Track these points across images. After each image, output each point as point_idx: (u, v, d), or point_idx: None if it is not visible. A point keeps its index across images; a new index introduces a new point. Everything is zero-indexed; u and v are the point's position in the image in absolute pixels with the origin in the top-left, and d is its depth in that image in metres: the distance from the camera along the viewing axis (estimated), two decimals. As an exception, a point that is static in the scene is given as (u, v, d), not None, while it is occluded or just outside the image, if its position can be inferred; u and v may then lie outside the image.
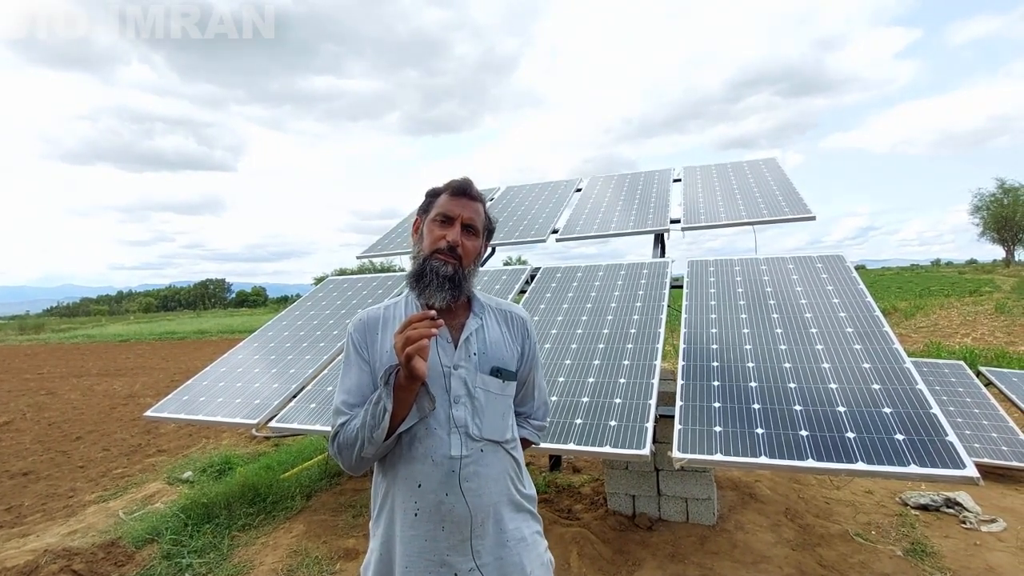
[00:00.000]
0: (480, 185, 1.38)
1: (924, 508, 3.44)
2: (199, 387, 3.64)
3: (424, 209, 1.35)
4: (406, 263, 5.16)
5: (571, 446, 2.41)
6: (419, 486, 1.19)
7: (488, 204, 1.56)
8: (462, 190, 1.31)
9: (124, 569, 2.99)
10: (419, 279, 1.26)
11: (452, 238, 1.26)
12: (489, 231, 1.39)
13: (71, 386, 10.32)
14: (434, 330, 1.10)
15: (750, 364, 2.60)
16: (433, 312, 1.12)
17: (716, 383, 2.52)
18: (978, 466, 1.92)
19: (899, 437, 2.04)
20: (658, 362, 2.79)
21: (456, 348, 1.27)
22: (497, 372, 1.29)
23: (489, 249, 5.13)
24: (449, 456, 1.19)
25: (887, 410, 2.17)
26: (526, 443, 1.49)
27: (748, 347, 2.72)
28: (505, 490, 1.26)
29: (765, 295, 3.13)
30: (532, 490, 1.36)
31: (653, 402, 2.52)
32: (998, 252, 51.52)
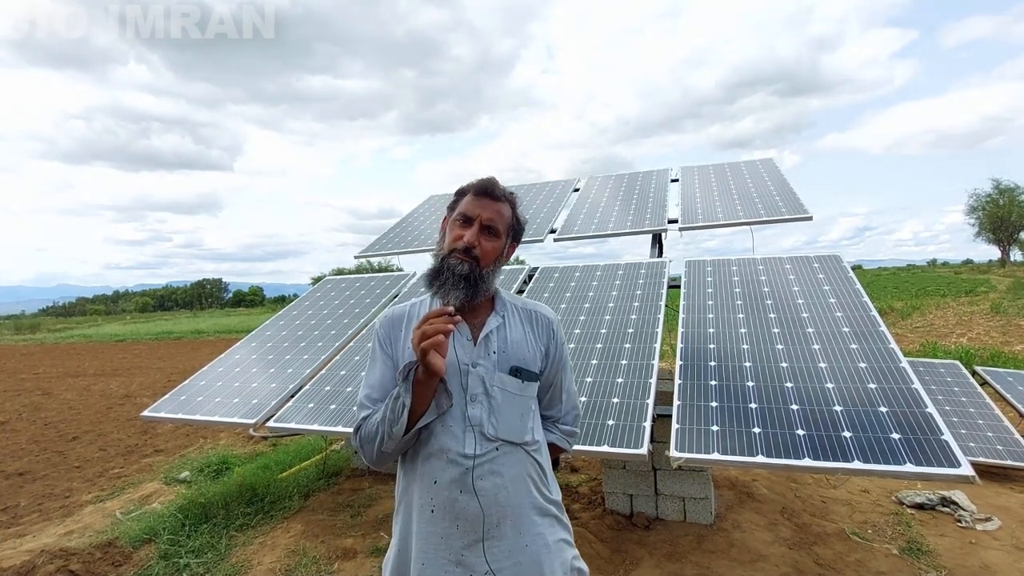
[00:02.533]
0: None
1: (920, 507, 3.46)
2: (196, 387, 3.63)
3: (451, 207, 1.36)
4: (405, 263, 5.17)
5: (569, 445, 2.41)
6: (435, 483, 1.20)
7: None
8: (484, 190, 1.31)
9: (121, 569, 2.98)
10: (435, 277, 1.26)
11: (469, 239, 1.25)
12: (516, 231, 1.37)
13: (67, 386, 10.28)
14: (451, 326, 1.10)
15: (747, 364, 2.61)
16: (451, 308, 1.12)
17: (713, 382, 2.53)
18: (973, 465, 1.93)
19: (895, 436, 2.05)
20: (655, 362, 2.79)
21: (475, 346, 1.27)
22: (517, 372, 1.27)
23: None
24: (463, 454, 1.19)
25: (883, 409, 2.18)
26: (555, 449, 1.43)
27: (745, 347, 2.73)
28: (525, 493, 1.23)
29: (762, 295, 3.14)
30: (558, 495, 1.33)
31: (651, 401, 2.53)
32: (994, 252, 51.83)
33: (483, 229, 1.28)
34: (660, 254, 4.19)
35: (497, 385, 1.25)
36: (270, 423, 3.10)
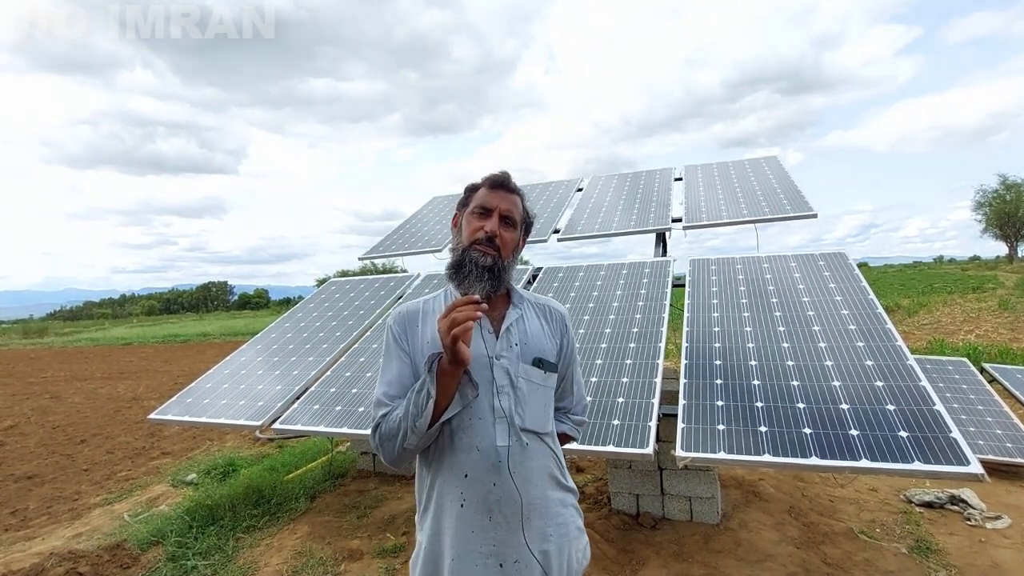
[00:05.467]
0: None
1: (928, 505, 3.43)
2: (202, 389, 3.65)
3: (463, 203, 1.36)
4: (409, 264, 5.17)
5: (574, 445, 2.40)
6: (465, 476, 1.19)
7: None
8: (500, 183, 1.33)
9: (129, 571, 3.00)
10: (458, 270, 1.27)
11: (490, 228, 1.26)
12: (527, 224, 1.39)
13: (75, 389, 10.35)
14: (479, 314, 1.09)
15: (753, 362, 2.60)
16: (477, 296, 1.12)
17: (719, 381, 2.52)
18: (983, 463, 1.91)
19: (902, 434, 2.04)
20: (660, 361, 2.79)
21: (497, 338, 1.27)
22: (539, 363, 1.29)
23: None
24: (495, 446, 1.19)
25: (890, 407, 2.17)
26: (566, 438, 1.47)
27: (751, 345, 2.72)
28: (548, 482, 1.26)
29: (767, 293, 3.12)
30: (573, 484, 1.36)
31: (656, 401, 2.52)
32: (1001, 248, 51.42)
33: (501, 220, 1.29)
34: (664, 253, 4.18)
35: (522, 376, 1.26)
36: (276, 425, 3.12)
